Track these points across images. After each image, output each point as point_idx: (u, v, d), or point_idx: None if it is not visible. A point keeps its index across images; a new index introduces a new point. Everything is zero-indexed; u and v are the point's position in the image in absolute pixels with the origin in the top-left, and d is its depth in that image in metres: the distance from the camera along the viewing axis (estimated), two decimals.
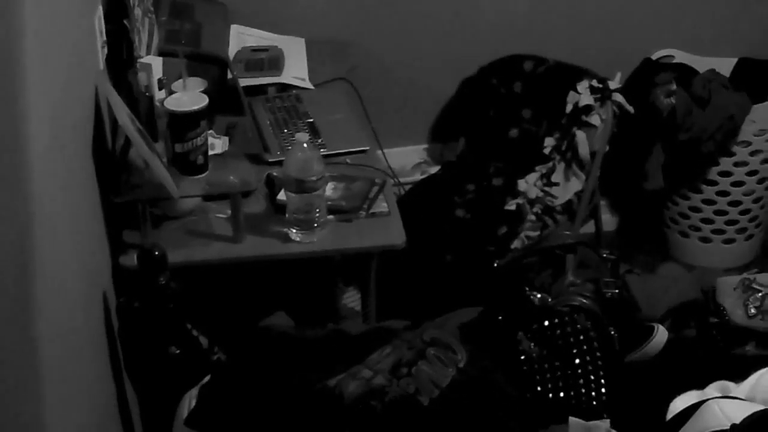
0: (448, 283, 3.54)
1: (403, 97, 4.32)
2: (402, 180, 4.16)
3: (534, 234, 3.73)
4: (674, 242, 4.34)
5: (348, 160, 3.26)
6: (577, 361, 2.60)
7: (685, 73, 4.12)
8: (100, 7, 2.95)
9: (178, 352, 2.52)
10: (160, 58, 3.20)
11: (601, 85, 3.84)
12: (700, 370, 2.69)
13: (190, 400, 2.45)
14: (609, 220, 4.44)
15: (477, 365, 2.47)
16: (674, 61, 4.23)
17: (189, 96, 2.93)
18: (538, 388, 2.58)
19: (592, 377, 2.57)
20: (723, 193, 4.15)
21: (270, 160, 3.22)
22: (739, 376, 2.51)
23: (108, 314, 2.60)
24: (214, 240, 2.92)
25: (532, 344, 2.61)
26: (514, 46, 4.17)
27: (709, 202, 4.18)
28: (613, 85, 3.91)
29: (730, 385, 2.47)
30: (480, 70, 4.21)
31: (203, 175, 2.93)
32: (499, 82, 4.13)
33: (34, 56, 1.98)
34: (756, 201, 4.19)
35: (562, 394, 2.56)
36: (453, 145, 4.23)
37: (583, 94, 3.81)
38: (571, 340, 2.61)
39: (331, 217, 2.97)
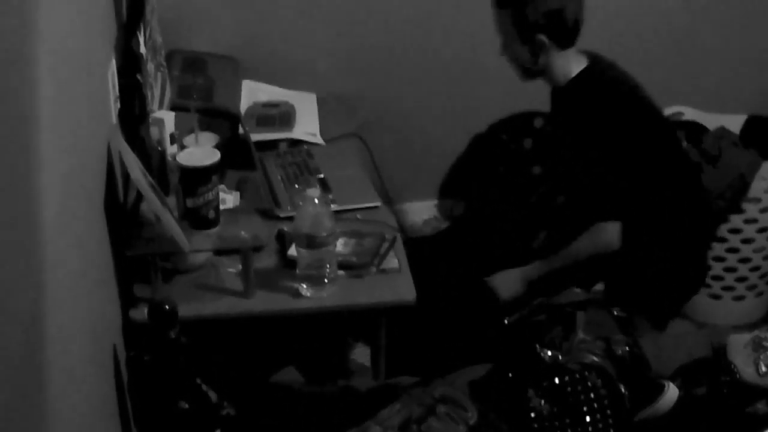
0: (459, 340, 3.53)
1: (413, 154, 4.34)
2: (412, 236, 4.16)
3: None
4: None
5: (359, 216, 3.27)
6: (588, 419, 2.58)
7: (695, 130, 4.13)
8: (114, 62, 2.97)
9: (187, 406, 2.51)
10: (173, 113, 3.22)
11: None
12: (711, 428, 2.68)
13: None
14: None
15: (487, 423, 2.46)
16: (684, 119, 4.24)
17: (201, 151, 2.94)
18: None
19: None
20: (733, 250, 4.14)
21: (281, 215, 3.22)
22: None
23: (118, 368, 2.60)
24: (225, 294, 2.92)
25: (543, 402, 2.60)
26: (525, 102, 4.18)
27: (719, 258, 4.17)
28: None
29: None
30: (490, 127, 4.23)
31: (214, 229, 2.94)
32: (509, 138, 4.14)
33: (49, 110, 1.99)
34: (766, 258, 4.18)
35: None
36: (463, 200, 4.24)
37: None
38: (582, 397, 2.60)
39: (341, 272, 2.97)
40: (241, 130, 3.53)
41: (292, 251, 2.97)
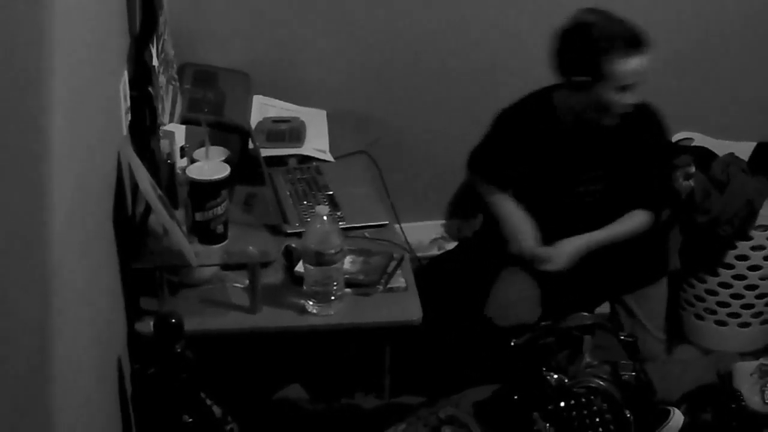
0: (464, 360, 3.52)
1: (422, 172, 4.33)
2: (419, 255, 4.16)
3: None
4: (690, 325, 4.32)
5: (367, 234, 3.26)
6: None
7: (704, 157, 4.12)
8: (126, 73, 2.97)
9: (191, 420, 2.50)
10: (183, 126, 3.22)
11: None
12: None
13: None
14: None
15: None
16: (693, 144, 4.24)
17: (211, 165, 2.94)
18: None
19: None
20: (739, 277, 4.14)
21: (289, 231, 3.22)
22: None
23: (122, 380, 2.59)
24: (231, 309, 2.92)
25: (548, 425, 2.59)
26: None
27: (726, 285, 4.16)
28: None
29: None
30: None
31: (222, 244, 2.94)
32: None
33: (60, 121, 1.99)
34: None
35: None
36: (471, 221, 4.22)
37: None
38: (587, 422, 2.59)
39: (348, 290, 2.96)
40: (251, 145, 3.53)
41: (300, 268, 2.97)
